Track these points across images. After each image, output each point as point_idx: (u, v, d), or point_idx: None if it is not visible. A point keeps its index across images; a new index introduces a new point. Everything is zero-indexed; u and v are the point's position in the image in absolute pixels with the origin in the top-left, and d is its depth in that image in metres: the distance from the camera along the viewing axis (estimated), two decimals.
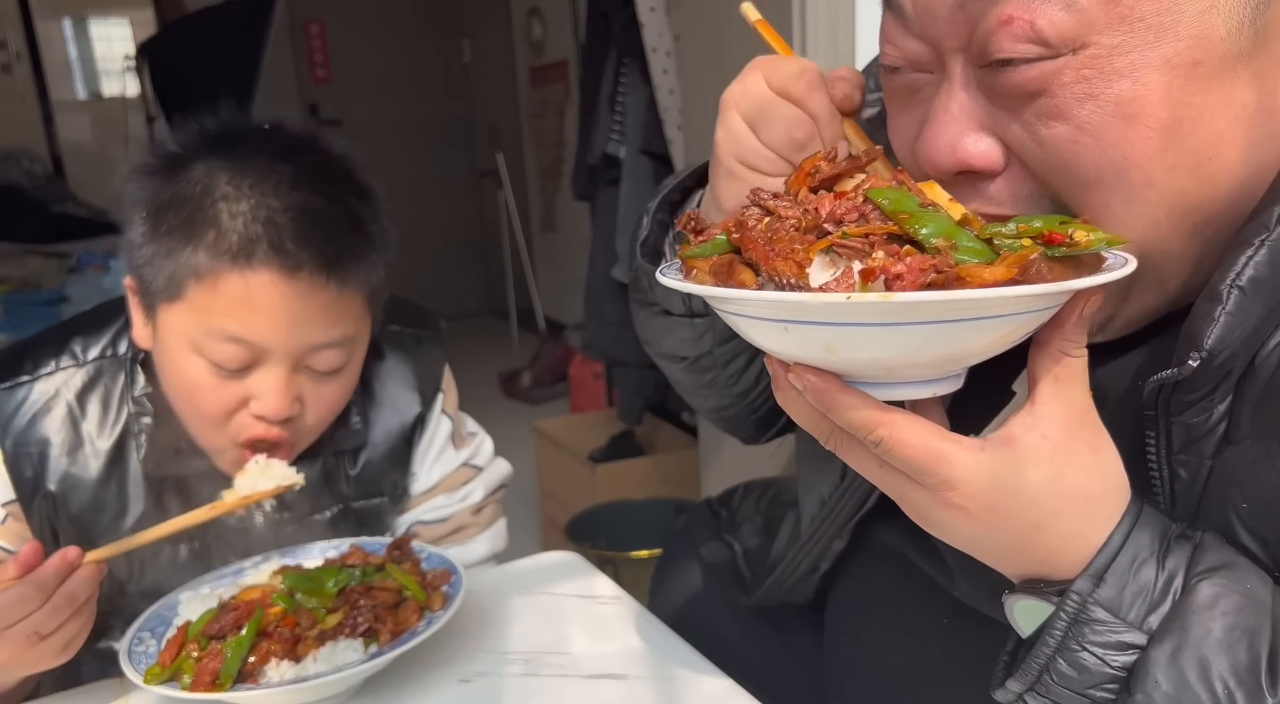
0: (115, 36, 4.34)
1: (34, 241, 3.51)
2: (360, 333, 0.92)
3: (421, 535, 1.06)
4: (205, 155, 0.85)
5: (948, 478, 0.47)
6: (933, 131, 0.54)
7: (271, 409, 0.85)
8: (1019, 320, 0.45)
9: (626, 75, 2.43)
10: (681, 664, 0.83)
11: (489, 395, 4.02)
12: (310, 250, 0.83)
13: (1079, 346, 0.47)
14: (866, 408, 0.47)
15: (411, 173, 5.28)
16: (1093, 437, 0.48)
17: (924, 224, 0.44)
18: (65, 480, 0.92)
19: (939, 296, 0.41)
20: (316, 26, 5.05)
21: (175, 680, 0.76)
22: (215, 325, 0.83)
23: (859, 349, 0.45)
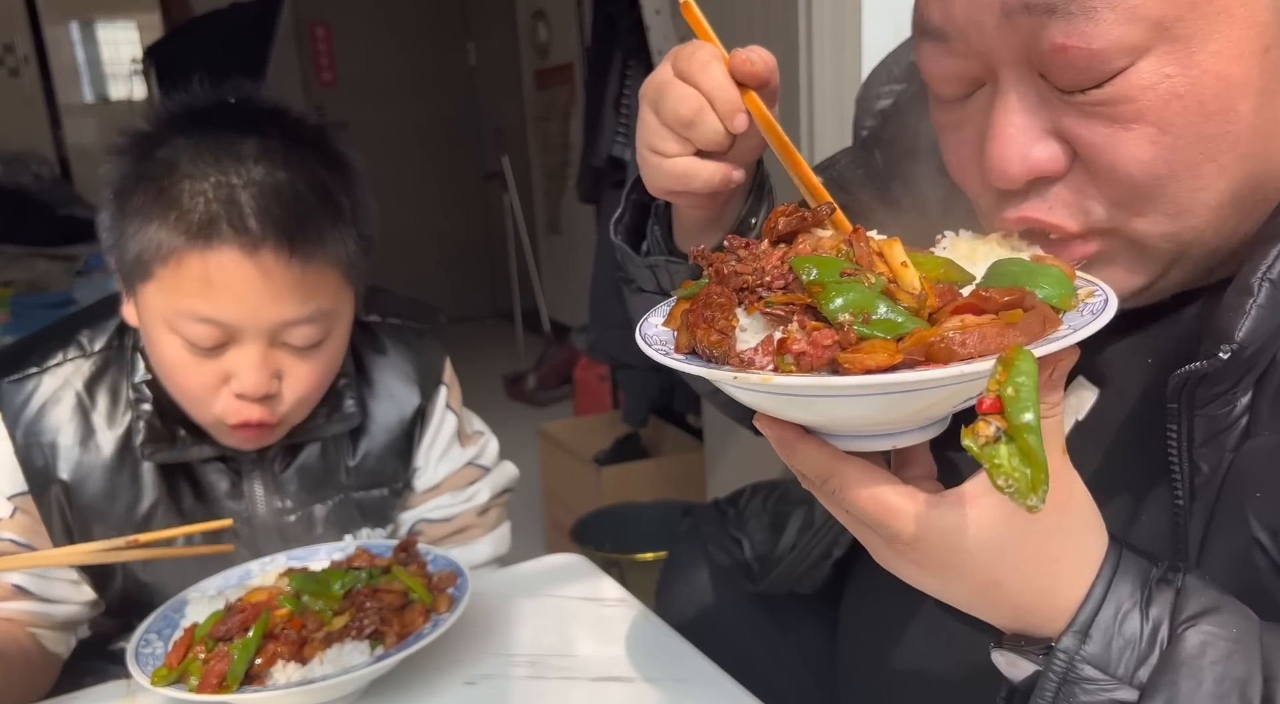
0: (122, 40, 4.35)
1: (41, 244, 3.53)
2: (338, 308, 0.91)
3: (426, 534, 1.07)
4: (172, 133, 0.85)
5: (897, 533, 0.47)
6: (999, 148, 0.53)
7: (249, 386, 0.85)
8: (928, 395, 0.43)
9: (631, 78, 2.43)
10: (687, 667, 0.83)
11: (494, 398, 4.02)
12: (271, 226, 0.82)
13: (1050, 406, 0.45)
14: (821, 456, 0.47)
15: (417, 176, 5.29)
16: (1060, 496, 0.47)
17: (836, 296, 0.43)
18: (77, 469, 0.92)
19: (807, 382, 0.41)
20: (322, 29, 5.06)
21: (182, 682, 0.76)
22: (184, 305, 0.83)
23: (788, 414, 0.47)
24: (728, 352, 0.45)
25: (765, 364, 0.44)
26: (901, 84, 0.79)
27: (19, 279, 3.18)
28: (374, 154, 4.49)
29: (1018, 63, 0.52)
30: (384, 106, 5.13)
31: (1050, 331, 0.43)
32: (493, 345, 4.90)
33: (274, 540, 0.98)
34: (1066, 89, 0.50)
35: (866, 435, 0.48)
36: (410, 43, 5.17)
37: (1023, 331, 0.42)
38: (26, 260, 3.37)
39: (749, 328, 0.46)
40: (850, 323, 0.42)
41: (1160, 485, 0.55)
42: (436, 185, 5.38)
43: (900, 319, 0.42)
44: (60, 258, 3.37)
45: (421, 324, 1.08)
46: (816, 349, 0.42)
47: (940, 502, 0.46)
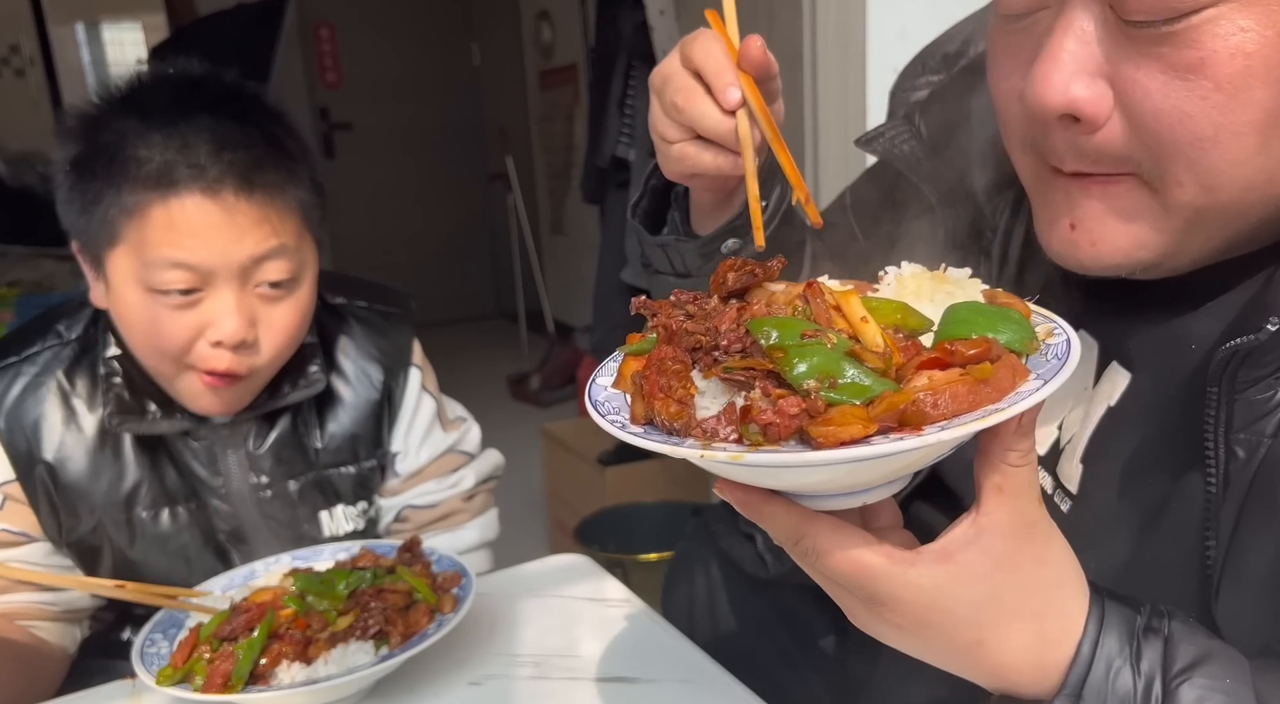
0: (127, 41, 4.36)
1: (46, 245, 3.53)
2: (302, 248, 0.93)
3: (411, 520, 1.08)
4: (119, 109, 0.88)
5: (875, 594, 0.45)
6: (1045, 68, 0.51)
7: (227, 332, 0.87)
8: (903, 459, 0.42)
9: (636, 79, 2.43)
10: (692, 668, 0.83)
11: (497, 398, 4.02)
12: (226, 166, 0.85)
13: (1023, 455, 0.44)
14: (790, 518, 0.46)
15: (421, 176, 5.30)
16: (1040, 549, 0.46)
17: (800, 361, 0.41)
18: (61, 449, 0.94)
19: (781, 458, 0.40)
20: (327, 30, 5.07)
21: (187, 682, 0.76)
22: (154, 255, 0.85)
23: (755, 482, 0.46)
24: (688, 422, 0.43)
25: (729, 435, 0.42)
26: (938, 75, 0.79)
27: (24, 279, 3.19)
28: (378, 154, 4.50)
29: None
30: (388, 107, 5.14)
31: (1020, 383, 0.42)
32: (496, 346, 4.90)
33: (253, 515, 1.00)
34: (1135, 20, 0.48)
35: (834, 495, 0.46)
36: (414, 43, 5.17)
37: (994, 387, 0.41)
38: (32, 261, 3.38)
39: (706, 391, 0.44)
40: (816, 389, 0.40)
41: (1193, 471, 0.54)
42: (440, 186, 5.39)
43: (868, 382, 0.41)
44: (65, 258, 3.36)
45: (389, 308, 1.10)
46: (784, 419, 0.40)
47: (918, 558, 0.45)
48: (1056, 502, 0.64)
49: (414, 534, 1.03)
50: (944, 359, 0.42)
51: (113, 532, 0.97)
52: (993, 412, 0.40)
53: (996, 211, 0.70)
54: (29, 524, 0.95)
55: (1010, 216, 0.69)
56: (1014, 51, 0.55)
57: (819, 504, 0.46)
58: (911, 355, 0.43)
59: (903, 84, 0.81)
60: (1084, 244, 0.56)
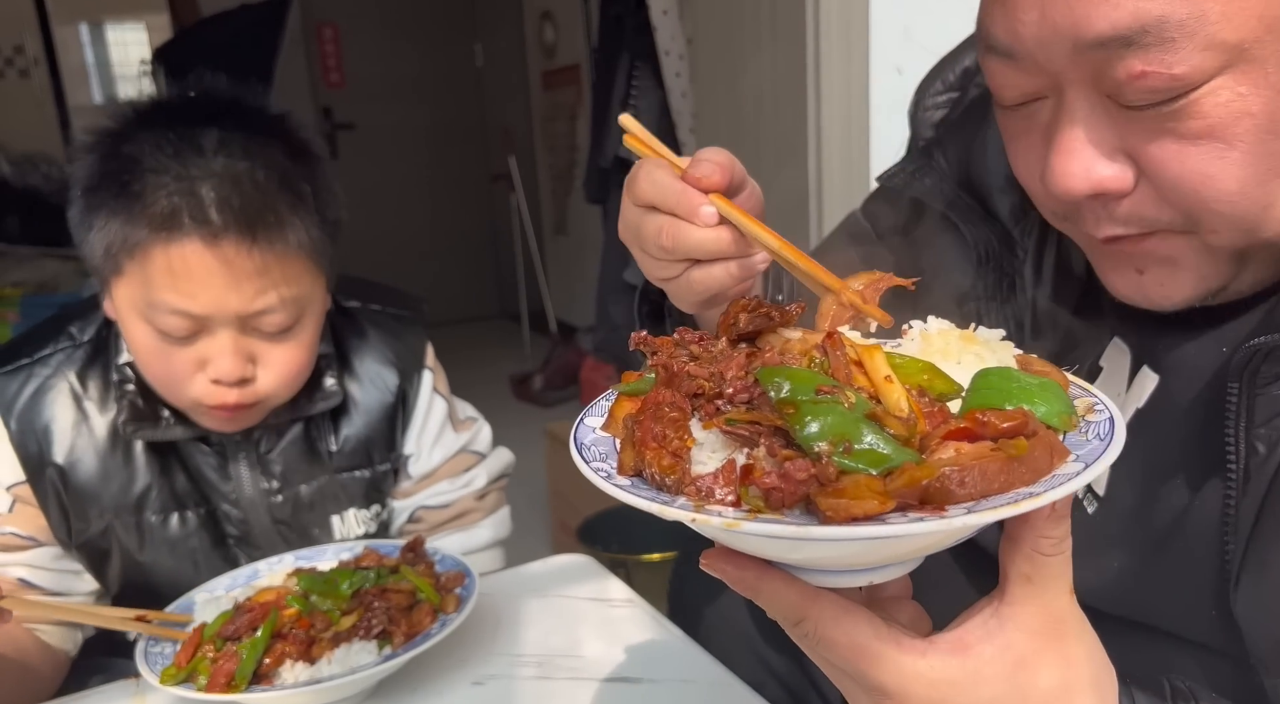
0: (131, 41, 4.37)
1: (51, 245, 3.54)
2: (309, 293, 0.92)
3: (425, 520, 1.08)
4: (137, 130, 0.87)
5: (881, 684, 0.41)
6: (1063, 162, 0.53)
7: (223, 372, 0.87)
8: (921, 542, 0.38)
9: (639, 79, 2.43)
10: (695, 668, 0.83)
11: (500, 398, 4.02)
12: (231, 215, 0.84)
13: (1056, 543, 0.40)
14: (790, 595, 0.41)
15: (424, 176, 5.31)
16: (1068, 649, 0.41)
17: (812, 420, 0.36)
18: (71, 453, 0.94)
19: (784, 531, 0.35)
20: (330, 30, 5.08)
21: (191, 681, 0.76)
22: (153, 297, 0.85)
23: (752, 551, 0.40)
24: (681, 478, 0.38)
25: (726, 496, 0.37)
26: (956, 92, 0.79)
27: (29, 280, 3.20)
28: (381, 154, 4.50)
29: (1086, 84, 0.51)
30: (391, 107, 5.14)
31: (1058, 464, 0.37)
32: (499, 346, 4.91)
33: (263, 520, 1.00)
34: (1136, 106, 0.50)
35: (839, 572, 0.42)
36: (417, 43, 5.18)
37: (1028, 467, 0.36)
38: (36, 261, 3.39)
39: (705, 444, 0.39)
40: (829, 454, 0.36)
41: (1217, 470, 0.54)
42: (443, 186, 5.39)
43: (888, 450, 0.36)
44: (70, 258, 3.38)
45: (402, 311, 1.09)
46: (790, 484, 0.35)
47: (930, 649, 0.41)
48: (1084, 505, 0.64)
49: (418, 534, 1.03)
50: (975, 430, 0.37)
51: (122, 534, 0.96)
52: (1026, 496, 0.35)
53: (1024, 233, 0.70)
54: (38, 528, 0.95)
55: (1039, 237, 0.69)
56: (1023, 135, 0.57)
57: (821, 580, 0.42)
58: (938, 423, 0.38)
59: (920, 101, 0.81)
60: (1153, 287, 0.57)
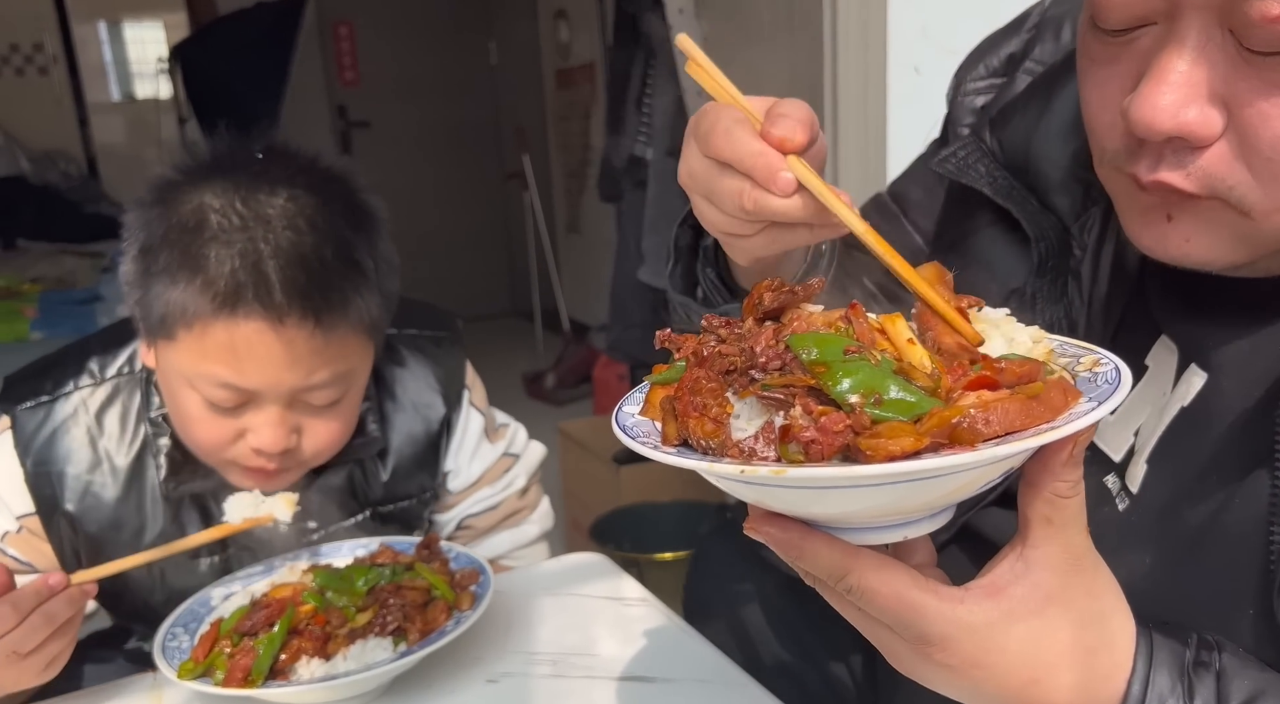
0: (149, 39, 4.40)
1: (69, 241, 3.58)
2: (358, 366, 0.91)
3: (473, 527, 1.08)
4: (199, 186, 0.83)
5: (923, 632, 0.44)
6: (1154, 90, 0.48)
7: (266, 443, 0.85)
8: (953, 480, 0.40)
9: (654, 77, 2.43)
10: (709, 668, 0.83)
11: (513, 396, 4.03)
12: (297, 298, 0.81)
13: (1072, 486, 0.43)
14: (832, 554, 0.43)
15: (438, 174, 5.32)
16: (1089, 581, 0.44)
17: (843, 376, 0.39)
18: (84, 499, 0.92)
19: (829, 473, 0.37)
20: (345, 29, 5.10)
21: (208, 676, 0.77)
22: (205, 370, 0.83)
23: (795, 508, 0.43)
24: (724, 442, 0.41)
25: (767, 454, 0.40)
26: (1001, 77, 0.76)
27: (47, 276, 3.22)
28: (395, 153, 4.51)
29: (1209, 13, 0.47)
30: (406, 105, 5.16)
31: (1072, 404, 0.40)
32: (512, 344, 4.91)
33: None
34: (1259, 50, 0.46)
35: (877, 527, 0.44)
36: (432, 42, 5.19)
37: (1046, 406, 0.39)
38: (54, 257, 3.42)
39: (741, 413, 0.42)
40: (861, 405, 0.39)
41: (1261, 469, 0.53)
42: (457, 184, 5.40)
43: (914, 399, 0.39)
44: (87, 254, 3.41)
45: (439, 332, 1.08)
46: (827, 436, 0.38)
47: (966, 595, 0.43)
48: (1116, 501, 0.63)
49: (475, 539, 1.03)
50: (993, 378, 0.41)
51: (134, 577, 0.95)
52: (1049, 429, 0.38)
53: (1085, 230, 0.67)
54: (40, 555, 0.94)
55: (1099, 235, 0.67)
56: (1111, 61, 0.53)
57: (860, 538, 0.44)
58: (958, 376, 0.41)
59: (961, 86, 0.77)
60: (1176, 238, 0.54)
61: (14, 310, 2.91)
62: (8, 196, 3.75)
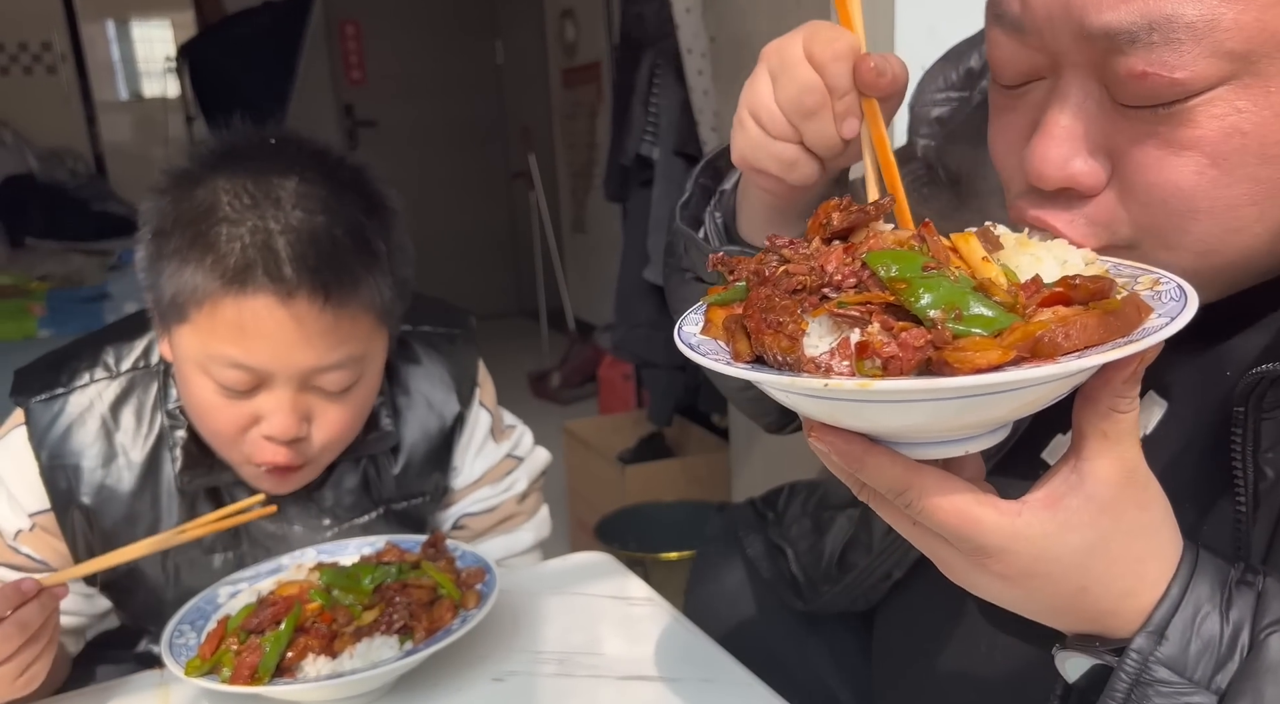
0: (156, 38, 4.41)
1: (76, 239, 3.59)
2: (371, 351, 0.90)
3: (470, 527, 1.07)
4: (212, 174, 0.84)
5: (982, 545, 0.45)
6: (1044, 145, 0.52)
7: (278, 429, 0.85)
8: (1033, 393, 0.41)
9: (661, 77, 2.42)
10: (715, 668, 0.83)
11: (519, 395, 4.03)
12: (306, 273, 0.81)
13: (1130, 402, 0.44)
14: (895, 468, 0.45)
15: (444, 173, 5.32)
16: (1140, 494, 0.46)
17: (924, 292, 0.40)
18: (99, 493, 0.92)
19: (917, 385, 0.38)
20: (352, 28, 5.11)
21: (215, 673, 0.77)
22: (216, 350, 0.83)
23: (866, 422, 0.44)
24: (799, 358, 0.41)
25: (843, 369, 0.40)
26: (959, 92, 0.77)
27: (55, 273, 3.23)
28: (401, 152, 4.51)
29: (1085, 70, 0.51)
30: (412, 104, 5.16)
31: (1146, 319, 0.41)
32: (517, 343, 4.91)
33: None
34: (1130, 104, 0.49)
35: (940, 442, 0.45)
36: (439, 41, 5.20)
37: (1121, 321, 0.40)
38: (62, 255, 3.43)
39: (813, 332, 0.42)
40: (943, 320, 0.39)
41: (1225, 495, 0.54)
42: (463, 183, 5.41)
43: (995, 314, 0.40)
44: (95, 253, 3.42)
45: (452, 329, 1.07)
46: (908, 351, 0.38)
47: (1023, 508, 0.45)
48: None
49: (469, 540, 1.03)
50: (1068, 294, 0.41)
51: (149, 574, 0.95)
52: (1127, 342, 0.39)
53: None
54: (54, 553, 0.94)
55: None
56: (1010, 111, 0.57)
57: (921, 453, 0.45)
58: (1032, 293, 0.42)
59: (920, 97, 0.79)
60: None
61: (22, 308, 2.92)
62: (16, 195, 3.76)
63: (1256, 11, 0.45)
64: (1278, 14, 0.45)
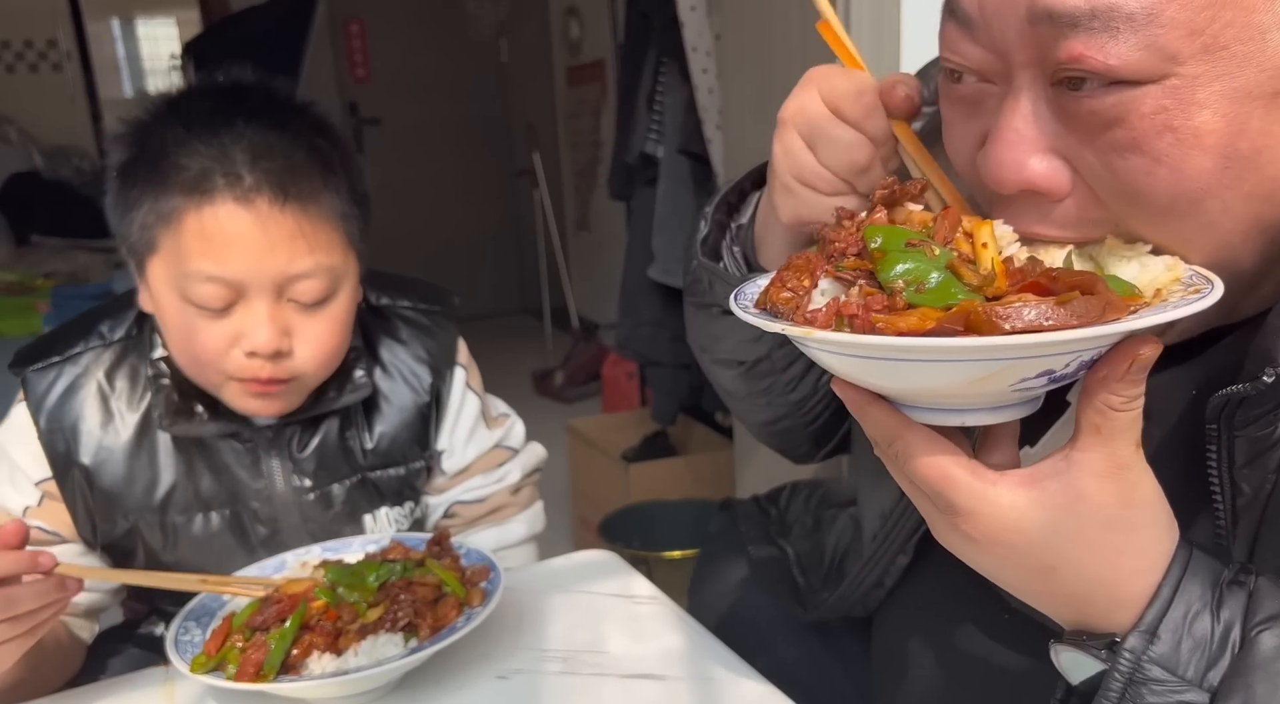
0: (162, 36, 4.42)
1: (81, 236, 3.60)
2: (340, 265, 0.92)
3: (461, 515, 1.08)
4: (165, 116, 0.89)
5: (953, 503, 0.47)
6: (999, 149, 0.52)
7: (259, 342, 0.87)
8: (968, 369, 0.43)
9: (665, 74, 2.42)
10: (720, 666, 0.83)
11: (522, 394, 4.03)
12: (263, 176, 0.85)
13: (1126, 401, 0.44)
14: (890, 420, 0.48)
15: (448, 171, 5.33)
16: (1127, 490, 0.46)
17: (896, 264, 0.44)
18: (98, 454, 0.94)
19: (838, 338, 0.42)
20: (357, 26, 5.11)
21: (220, 670, 0.77)
22: (189, 267, 0.85)
23: (844, 371, 0.48)
24: (795, 310, 0.46)
25: (825, 325, 0.45)
26: (931, 106, 0.78)
27: (60, 271, 3.24)
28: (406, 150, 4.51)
29: (1034, 68, 0.51)
30: (416, 102, 5.17)
31: (1110, 318, 0.41)
32: (521, 341, 4.92)
33: (294, 519, 1.00)
34: (1076, 92, 0.49)
35: (935, 409, 0.48)
36: (443, 39, 5.20)
37: (1075, 314, 0.41)
38: (67, 252, 3.44)
39: (826, 290, 0.47)
40: (901, 290, 0.43)
41: (1202, 510, 0.54)
42: (467, 181, 5.41)
43: (953, 290, 0.43)
44: (100, 250, 3.43)
45: (433, 307, 1.09)
46: (864, 313, 0.43)
47: (1001, 479, 0.47)
48: None
49: (460, 529, 1.04)
50: (1045, 285, 0.43)
51: (147, 535, 0.97)
52: (1056, 331, 0.40)
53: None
54: (63, 524, 0.95)
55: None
56: (965, 117, 0.57)
57: (918, 416, 0.48)
58: (1016, 279, 0.45)
59: None
60: None
61: (27, 305, 2.93)
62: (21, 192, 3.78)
63: (1192, 13, 0.46)
64: (1210, 17, 0.46)
